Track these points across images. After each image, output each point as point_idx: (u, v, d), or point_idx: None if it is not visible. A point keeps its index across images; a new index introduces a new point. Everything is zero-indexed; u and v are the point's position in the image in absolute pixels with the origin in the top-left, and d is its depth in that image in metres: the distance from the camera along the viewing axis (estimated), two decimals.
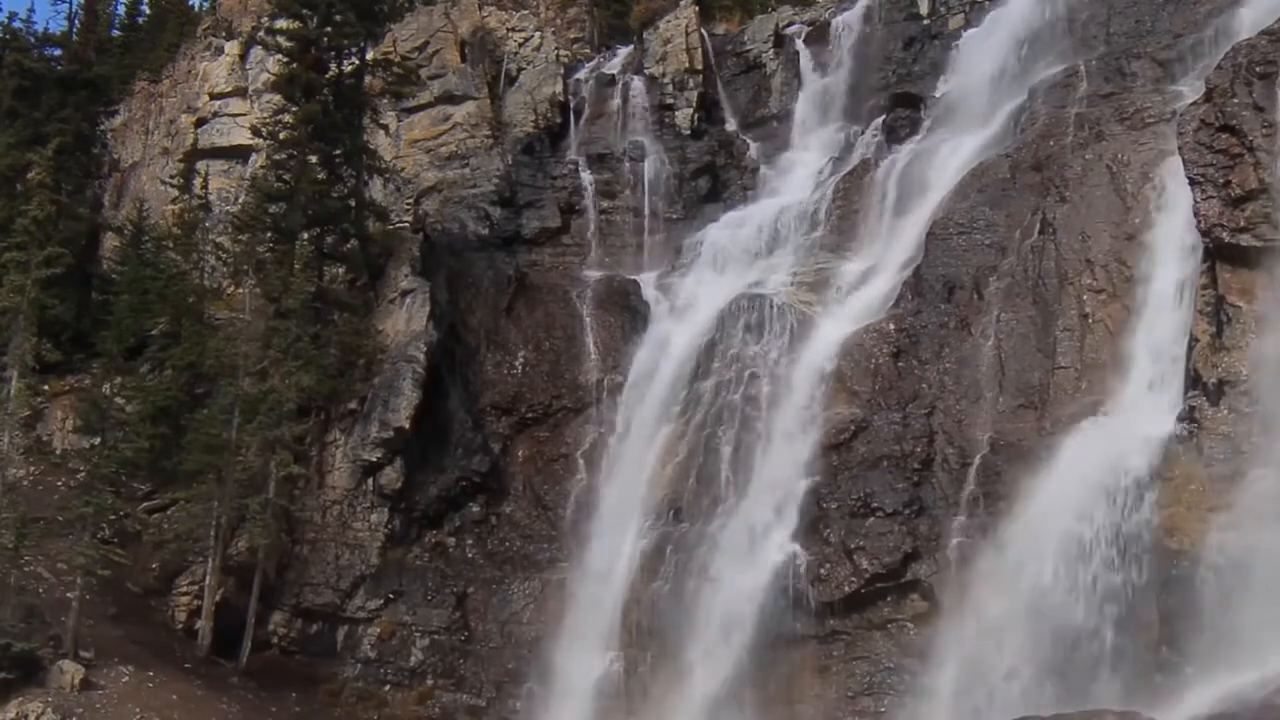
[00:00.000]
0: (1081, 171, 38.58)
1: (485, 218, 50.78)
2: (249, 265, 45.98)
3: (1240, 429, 31.03)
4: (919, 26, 51.61)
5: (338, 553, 42.33)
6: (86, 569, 37.24)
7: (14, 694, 35.05)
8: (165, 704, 36.56)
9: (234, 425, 40.30)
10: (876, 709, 35.59)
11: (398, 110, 53.40)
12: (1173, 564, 30.91)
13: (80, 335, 48.61)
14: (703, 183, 51.63)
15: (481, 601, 41.74)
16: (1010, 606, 32.96)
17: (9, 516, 37.12)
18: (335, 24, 46.56)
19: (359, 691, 40.59)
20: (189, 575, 41.95)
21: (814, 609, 37.01)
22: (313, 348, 42.37)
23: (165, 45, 68.89)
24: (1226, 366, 31.49)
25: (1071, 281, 37.03)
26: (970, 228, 40.39)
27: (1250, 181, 31.57)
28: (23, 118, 54.24)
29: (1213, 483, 31.01)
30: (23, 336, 38.96)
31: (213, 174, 58.12)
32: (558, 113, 54.24)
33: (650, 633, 38.89)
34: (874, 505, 37.28)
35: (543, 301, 47.45)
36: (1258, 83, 32.12)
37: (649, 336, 45.75)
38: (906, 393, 38.85)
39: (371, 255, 47.39)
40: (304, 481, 42.66)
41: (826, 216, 45.91)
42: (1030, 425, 36.10)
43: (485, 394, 45.09)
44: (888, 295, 41.44)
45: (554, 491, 43.37)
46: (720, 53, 55.36)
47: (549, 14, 57.53)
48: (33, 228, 40.10)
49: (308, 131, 45.82)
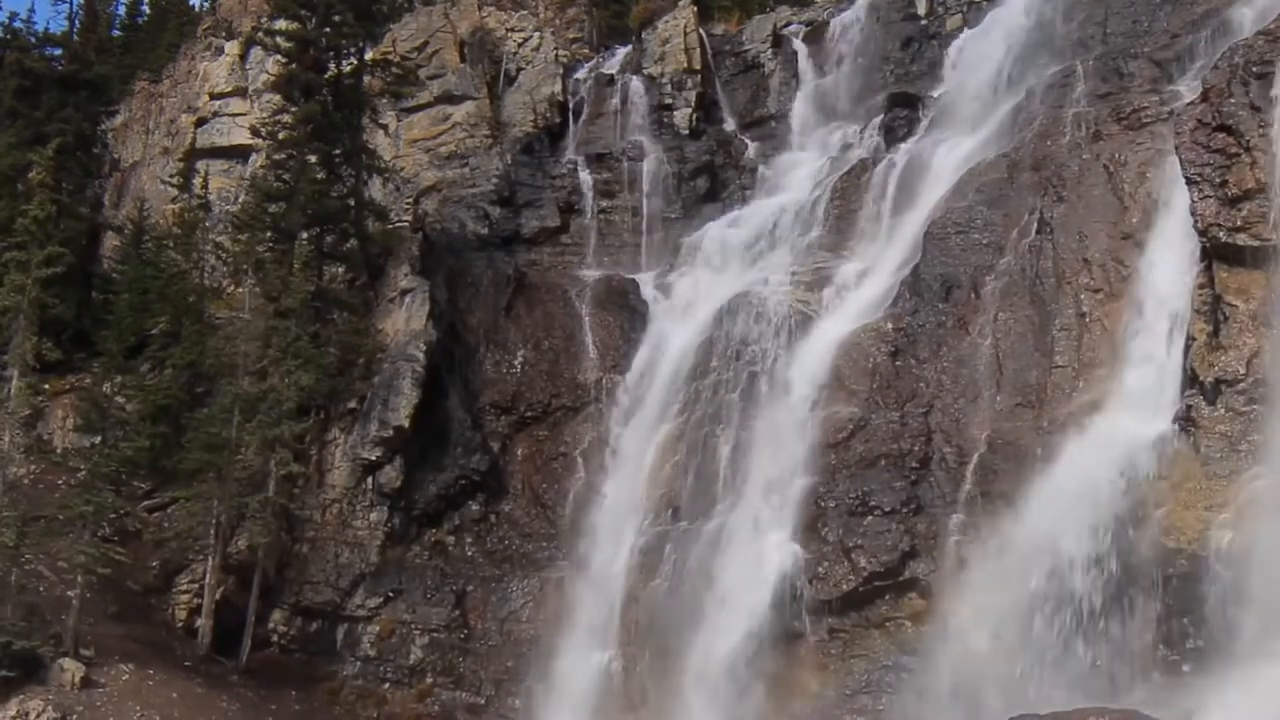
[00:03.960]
0: (1079, 171, 38.65)
1: (484, 217, 50.82)
2: (249, 265, 46.01)
3: (1237, 428, 31.14)
4: (917, 26, 51.67)
5: (337, 551, 42.41)
6: (87, 567, 37.30)
7: (15, 692, 35.15)
8: (165, 702, 36.68)
9: (234, 424, 40.33)
10: (875, 707, 35.62)
11: (397, 110, 53.41)
12: (1170, 562, 31.02)
13: (81, 334, 48.67)
14: (701, 182, 51.66)
15: (481, 600, 41.81)
16: (1008, 605, 33.03)
17: (10, 515, 37.16)
18: (334, 24, 46.60)
19: (358, 689, 40.66)
20: (189, 574, 41.99)
21: (812, 607, 37.05)
22: (312, 347, 42.43)
23: (165, 45, 69.01)
24: (1223, 366, 31.57)
25: (1069, 281, 37.12)
26: (968, 227, 40.45)
27: (1247, 181, 31.65)
28: (23, 117, 54.26)
29: (1210, 481, 31.11)
30: (23, 335, 39.01)
31: (213, 174, 58.16)
32: (557, 112, 54.28)
33: (649, 631, 38.94)
34: (872, 504, 37.35)
35: (542, 301, 47.53)
36: (1254, 83, 32.22)
37: (648, 336, 45.84)
38: (904, 392, 38.90)
39: (371, 255, 47.46)
40: (304, 480, 42.71)
41: (824, 216, 45.97)
42: (1028, 424, 36.16)
43: (484, 393, 45.16)
44: (885, 295, 41.47)
45: (553, 490, 43.44)
46: (719, 53, 55.38)
47: (548, 14, 57.57)
48: (33, 227, 40.16)
49: (307, 131, 45.86)
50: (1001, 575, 33.65)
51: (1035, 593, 32.58)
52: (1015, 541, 33.80)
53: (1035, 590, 32.60)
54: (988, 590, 33.80)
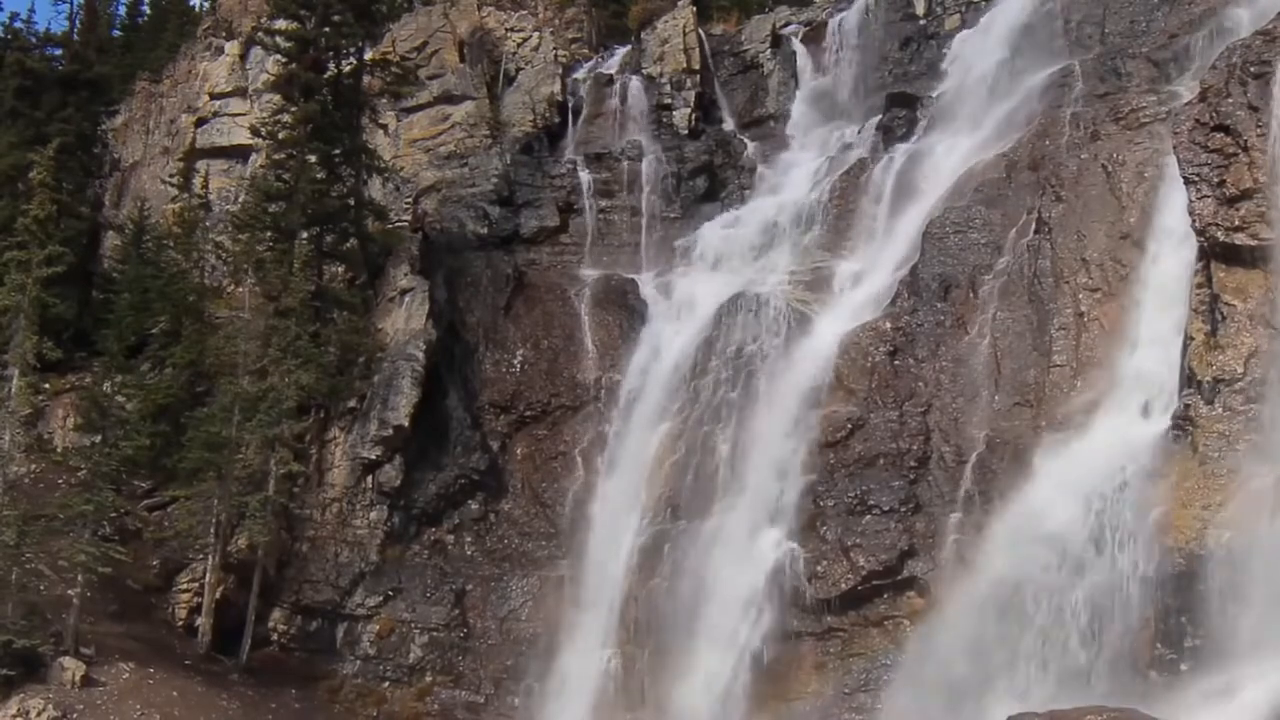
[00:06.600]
0: (1077, 171, 38.73)
1: (484, 217, 50.85)
2: (249, 264, 46.04)
3: (1235, 427, 31.19)
4: (915, 26, 51.73)
5: (337, 550, 42.48)
6: (87, 566, 37.33)
7: (15, 690, 35.26)
8: (166, 700, 36.74)
9: (234, 423, 40.32)
10: (873, 705, 35.69)
11: (396, 110, 53.54)
12: (1168, 561, 31.08)
13: (81, 333, 48.71)
14: (700, 182, 51.71)
15: (480, 598, 41.86)
16: (1006, 603, 33.10)
17: (10, 514, 37.23)
18: (334, 24, 46.70)
19: (358, 688, 40.68)
20: (189, 573, 42.02)
21: (811, 606, 37.22)
22: (312, 346, 42.48)
23: (166, 45, 69.13)
24: (1221, 365, 31.62)
25: (1067, 280, 37.21)
26: (966, 227, 40.56)
27: (1245, 181, 31.68)
28: (24, 117, 54.28)
29: (1208, 480, 31.19)
30: (24, 335, 39.03)
31: (213, 173, 58.27)
32: (556, 112, 54.28)
33: (648, 629, 39.06)
34: (871, 503, 37.45)
35: (541, 300, 47.59)
36: (1252, 82, 32.23)
37: (647, 335, 45.89)
38: (903, 391, 38.99)
39: (371, 254, 47.55)
40: (303, 479, 42.78)
41: (823, 216, 46.08)
42: (1026, 423, 36.27)
43: (484, 392, 45.22)
44: (884, 294, 41.57)
45: (552, 489, 43.50)
46: (717, 53, 55.45)
47: (547, 14, 57.59)
48: (34, 227, 40.21)
49: (307, 131, 45.92)
50: (1000, 574, 33.69)
51: (1033, 591, 32.64)
52: (1013, 540, 33.86)
53: (1033, 589, 32.66)
54: (986, 589, 33.83)
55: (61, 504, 39.10)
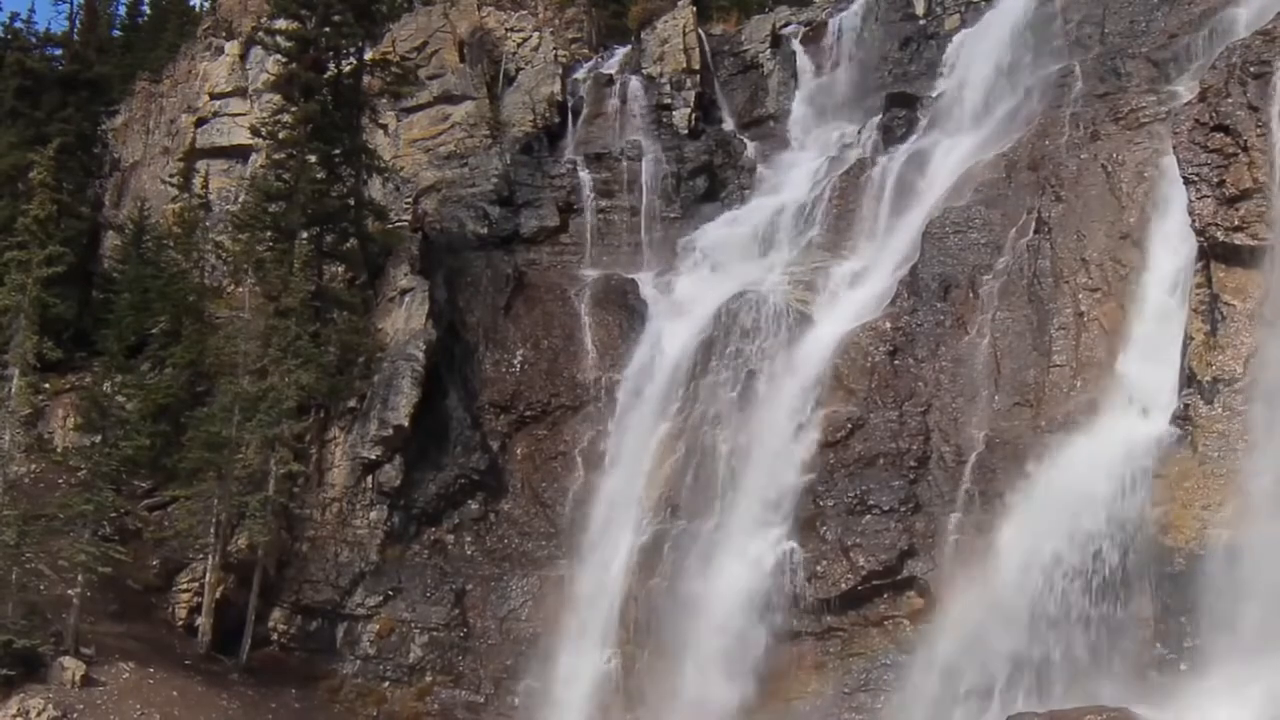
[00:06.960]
0: (1077, 171, 38.72)
1: (484, 217, 50.88)
2: (249, 264, 46.10)
3: (1235, 427, 31.16)
4: (915, 26, 51.79)
5: (337, 550, 42.49)
6: (87, 566, 37.34)
7: (15, 690, 35.24)
8: (166, 700, 36.75)
9: (234, 423, 40.33)
10: (873, 705, 35.71)
11: (396, 110, 53.58)
12: (1168, 561, 31.10)
13: (81, 333, 48.72)
14: (700, 182, 51.76)
15: (480, 598, 41.87)
16: (1006, 603, 33.11)
17: (11, 514, 37.23)
18: (334, 24, 46.72)
19: (358, 688, 40.68)
20: (189, 572, 42.04)
21: (811, 606, 37.22)
22: (312, 346, 42.48)
23: (166, 45, 69.16)
24: (1221, 365, 31.61)
25: (1067, 280, 37.21)
26: (966, 227, 40.55)
27: (1244, 181, 31.66)
28: (24, 117, 54.31)
29: (1208, 480, 31.18)
30: (24, 335, 39.03)
31: (213, 173, 58.30)
32: (556, 112, 54.32)
33: (648, 629, 39.07)
34: (870, 503, 37.44)
35: (541, 300, 47.61)
36: (1252, 82, 32.22)
37: (647, 335, 45.90)
38: (903, 391, 38.98)
39: (371, 254, 47.56)
40: (303, 479, 42.79)
41: (823, 216, 46.11)
42: (1026, 423, 36.26)
43: (484, 392, 45.23)
44: (884, 294, 41.55)
45: (552, 489, 43.51)
46: (717, 53, 55.51)
47: (547, 14, 57.62)
48: (34, 227, 40.21)
49: (307, 131, 45.95)
50: (999, 574, 33.69)
51: (1032, 591, 32.64)
52: (1013, 540, 33.87)
53: (1032, 589, 32.66)
54: (985, 589, 33.84)
55: (61, 504, 39.10)
